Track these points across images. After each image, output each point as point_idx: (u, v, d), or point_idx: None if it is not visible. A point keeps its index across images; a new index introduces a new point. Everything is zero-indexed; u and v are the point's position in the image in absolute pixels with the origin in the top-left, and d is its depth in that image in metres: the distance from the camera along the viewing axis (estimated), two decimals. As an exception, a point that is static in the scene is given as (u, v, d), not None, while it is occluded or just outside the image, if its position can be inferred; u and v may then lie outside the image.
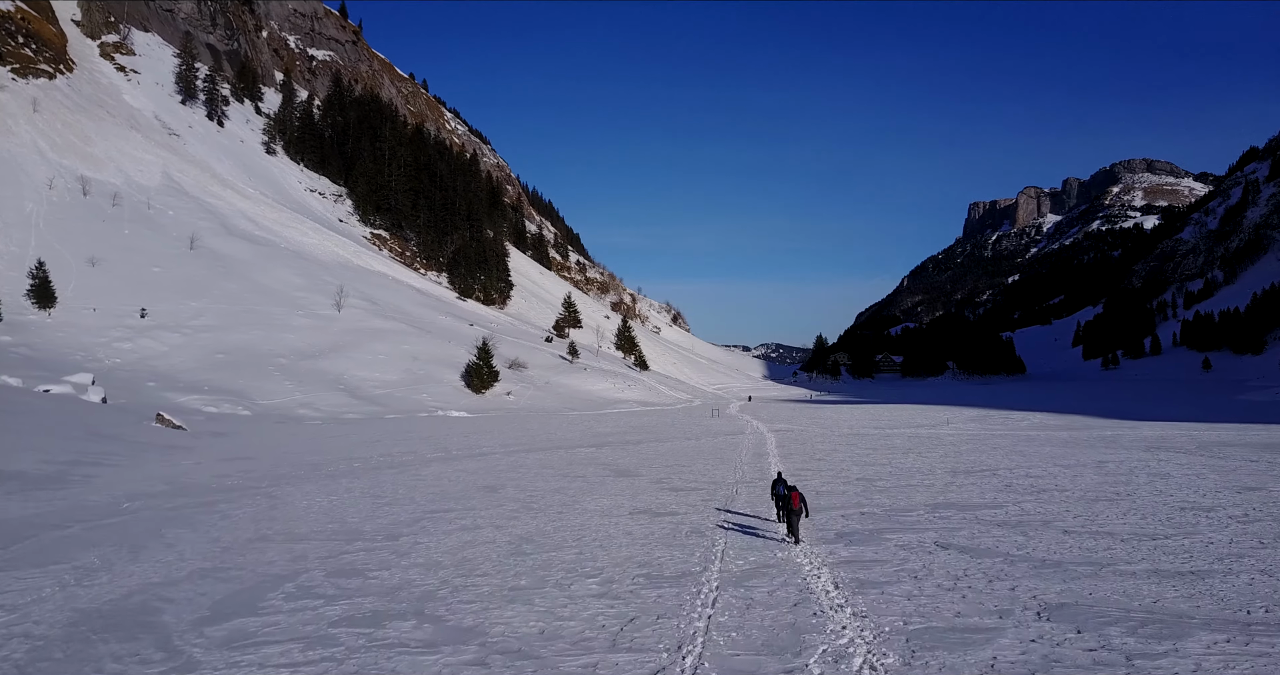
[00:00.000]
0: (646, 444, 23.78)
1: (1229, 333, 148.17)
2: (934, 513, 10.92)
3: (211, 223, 60.19)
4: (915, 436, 26.47)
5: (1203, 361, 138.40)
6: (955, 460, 17.86)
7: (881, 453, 20.13)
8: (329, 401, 38.52)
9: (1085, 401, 55.20)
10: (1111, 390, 79.03)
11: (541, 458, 19.64)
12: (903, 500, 11.96)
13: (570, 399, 46.08)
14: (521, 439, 25.58)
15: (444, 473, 16.52)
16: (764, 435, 27.32)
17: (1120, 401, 54.34)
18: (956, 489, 13.14)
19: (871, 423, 34.72)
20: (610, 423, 34.26)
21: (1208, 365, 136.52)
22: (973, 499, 11.95)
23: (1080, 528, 9.69)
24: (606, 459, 19.23)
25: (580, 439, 25.74)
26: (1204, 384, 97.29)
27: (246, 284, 51.65)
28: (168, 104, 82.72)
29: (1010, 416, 39.38)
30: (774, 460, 18.59)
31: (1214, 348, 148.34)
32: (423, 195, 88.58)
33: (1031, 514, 10.68)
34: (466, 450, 21.82)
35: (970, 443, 23.16)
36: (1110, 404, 51.38)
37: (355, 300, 53.20)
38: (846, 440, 24.86)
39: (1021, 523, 10.13)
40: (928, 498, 12.19)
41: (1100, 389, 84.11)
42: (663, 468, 17.20)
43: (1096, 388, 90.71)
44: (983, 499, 11.94)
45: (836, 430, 29.90)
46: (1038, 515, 10.63)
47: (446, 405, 40.04)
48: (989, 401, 57.40)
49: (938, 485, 13.66)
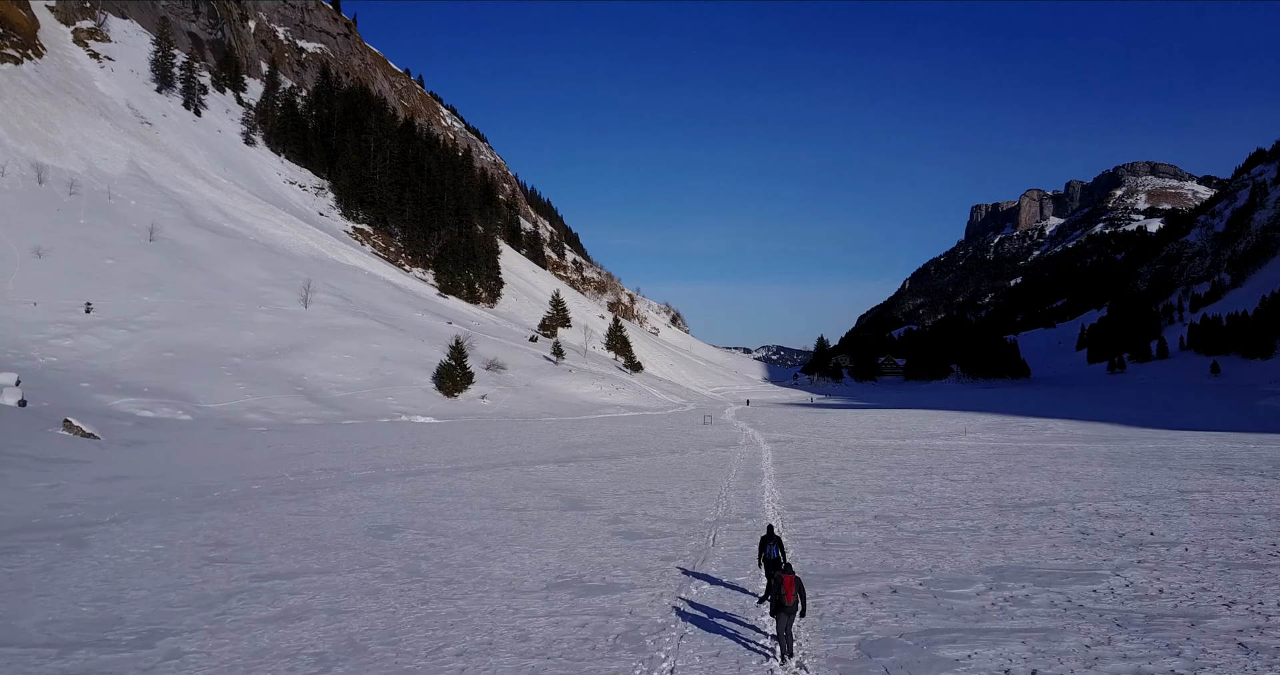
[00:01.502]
0: (621, 459, 20.26)
1: (1237, 337, 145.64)
2: (1000, 589, 7.35)
3: (176, 213, 56.72)
4: (933, 449, 22.98)
5: (1211, 366, 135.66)
6: (993, 486, 14.34)
7: (899, 473, 16.61)
8: (283, 405, 35.00)
9: (1102, 407, 51.93)
10: (1123, 395, 75.82)
11: (486, 479, 16.13)
12: (946, 561, 8.45)
13: (551, 403, 42.59)
14: (478, 452, 22.07)
15: (347, 502, 13.00)
16: (760, 447, 23.81)
17: (1139, 407, 51.09)
18: (1014, 537, 9.63)
19: (880, 431, 31.22)
20: (589, 431, 30.74)
21: (1216, 370, 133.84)
22: (1046, 559, 8.43)
23: (1259, 633, 6.09)
24: (565, 481, 15.71)
25: (546, 452, 22.22)
26: (1216, 389, 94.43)
27: (207, 277, 48.15)
28: (142, 92, 79.24)
29: (1029, 424, 36.01)
30: (769, 484, 15.08)
31: (1222, 352, 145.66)
32: (409, 188, 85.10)
33: (1150, 592, 7.11)
34: (404, 467, 18.31)
35: (1000, 458, 19.64)
36: (1130, 411, 48.06)
37: (325, 296, 49.71)
38: (855, 454, 21.35)
39: (1151, 617, 6.51)
40: (980, 556, 8.69)
41: (1111, 394, 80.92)
42: (629, 496, 13.68)
43: (1107, 392, 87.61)
44: (1060, 559, 8.43)
45: (842, 441, 26.40)
46: (1166, 599, 7.04)
47: (413, 410, 36.53)
48: (1000, 407, 54.06)
49: (985, 530, 10.15)
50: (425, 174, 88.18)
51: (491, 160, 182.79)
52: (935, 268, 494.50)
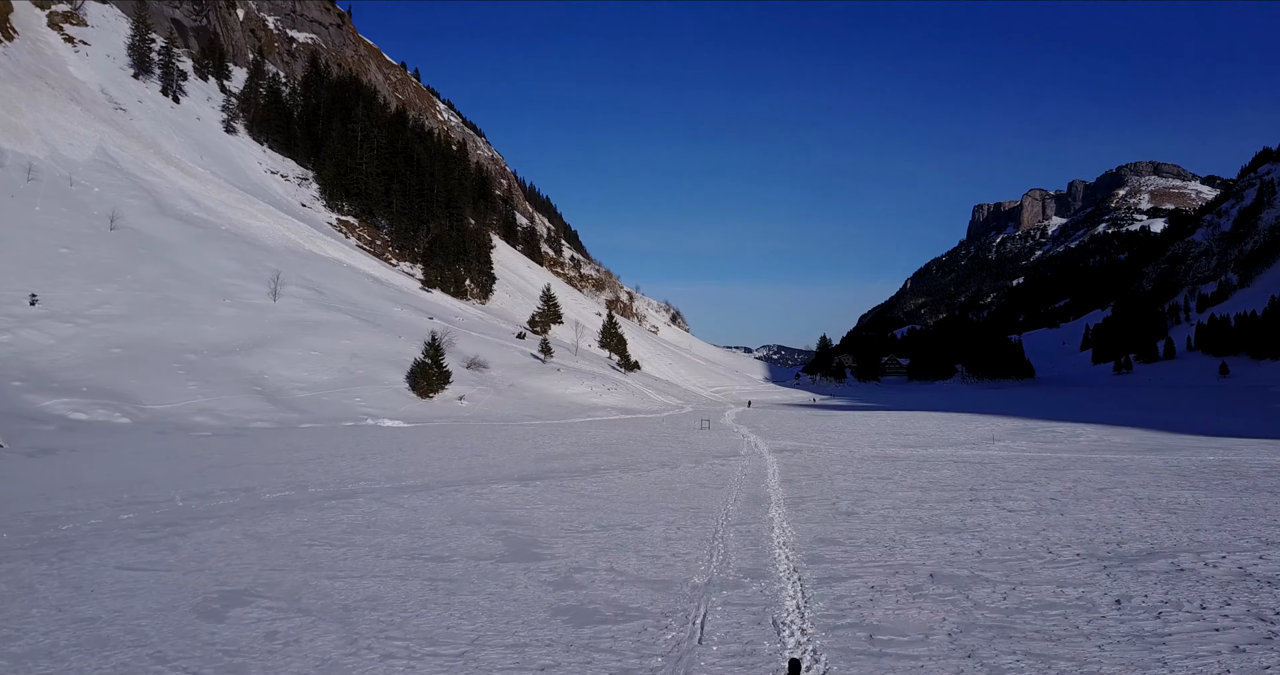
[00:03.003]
0: (600, 475, 17.02)
1: (1246, 337, 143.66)
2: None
3: (143, 201, 53.43)
4: (964, 462, 19.75)
5: (1220, 367, 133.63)
6: (1069, 521, 11.07)
7: (938, 497, 13.35)
8: (237, 406, 31.74)
9: (1124, 410, 48.82)
10: (1137, 397, 72.79)
11: (424, 505, 12.88)
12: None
13: (536, 404, 39.35)
14: (434, 464, 18.81)
15: (214, 547, 9.71)
16: (764, 459, 20.56)
17: (1163, 410, 47.98)
18: (1160, 625, 6.34)
19: (896, 438, 27.97)
20: (572, 437, 27.47)
21: (1225, 371, 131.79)
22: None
23: None
24: (520, 509, 12.45)
25: (514, 464, 18.97)
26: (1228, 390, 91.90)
27: (168, 268, 44.89)
28: (118, 77, 75.96)
29: (1056, 430, 32.85)
30: (778, 515, 11.80)
31: (1230, 353, 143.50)
32: (397, 180, 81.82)
33: None
34: (335, 485, 15.08)
35: (1051, 476, 16.37)
36: (1155, 414, 44.92)
37: (296, 289, 46.43)
38: (875, 468, 18.09)
39: None
40: (1129, 667, 5.43)
41: (1124, 395, 77.90)
42: (595, 535, 10.42)
43: (1118, 393, 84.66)
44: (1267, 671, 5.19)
45: (857, 450, 23.15)
46: None
47: (382, 412, 33.27)
48: (1014, 409, 50.89)
49: (1102, 606, 6.88)
50: (415, 165, 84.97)
51: (489, 156, 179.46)
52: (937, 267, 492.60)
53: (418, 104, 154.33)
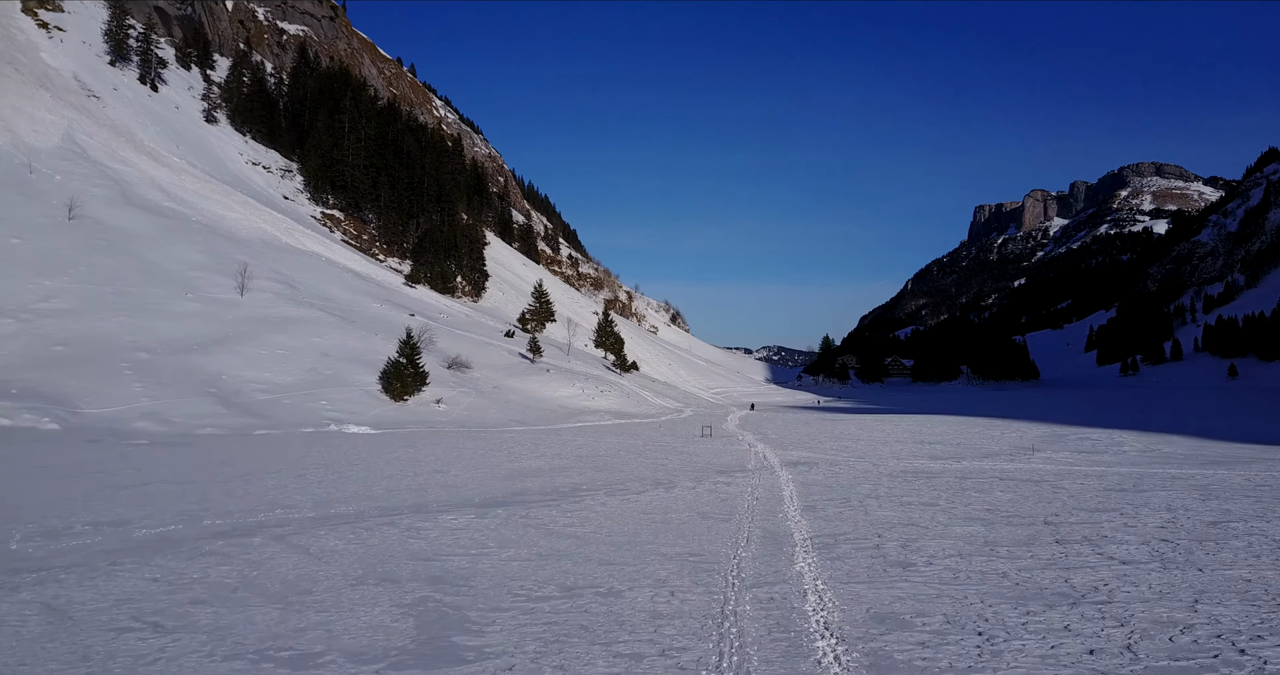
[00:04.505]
0: (577, 501, 13.87)
1: (1255, 338, 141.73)
2: None
3: (109, 190, 50.24)
4: (1011, 479, 16.64)
5: (1229, 368, 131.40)
6: (1220, 579, 7.92)
7: (1011, 537, 10.19)
8: (188, 410, 28.58)
9: (1151, 413, 45.98)
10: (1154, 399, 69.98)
11: (332, 549, 9.73)
12: None
13: (522, 408, 36.19)
14: (377, 484, 15.66)
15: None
16: (776, 476, 17.42)
17: (1194, 415, 45.12)
18: None
19: (921, 447, 24.84)
20: (555, 447, 24.30)
21: (1234, 372, 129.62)
22: None
23: None
24: (459, 560, 9.28)
25: (476, 485, 15.81)
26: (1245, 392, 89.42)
27: (129, 260, 41.72)
28: (93, 64, 72.78)
29: (1091, 437, 29.90)
30: (808, 570, 8.65)
31: (1239, 354, 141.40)
32: (385, 172, 78.62)
33: None
34: (240, 515, 11.93)
35: (1133, 501, 13.21)
36: (1187, 418, 42.01)
37: (268, 283, 43.26)
38: (915, 491, 14.93)
39: None
40: None
41: (1139, 397, 75.09)
42: (550, 612, 7.26)
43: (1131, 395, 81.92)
44: None
45: (882, 463, 20.02)
46: None
47: (348, 416, 30.09)
48: (1035, 413, 47.85)
49: None
50: (405, 157, 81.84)
51: (486, 153, 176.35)
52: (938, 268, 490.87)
53: (413, 99, 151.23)
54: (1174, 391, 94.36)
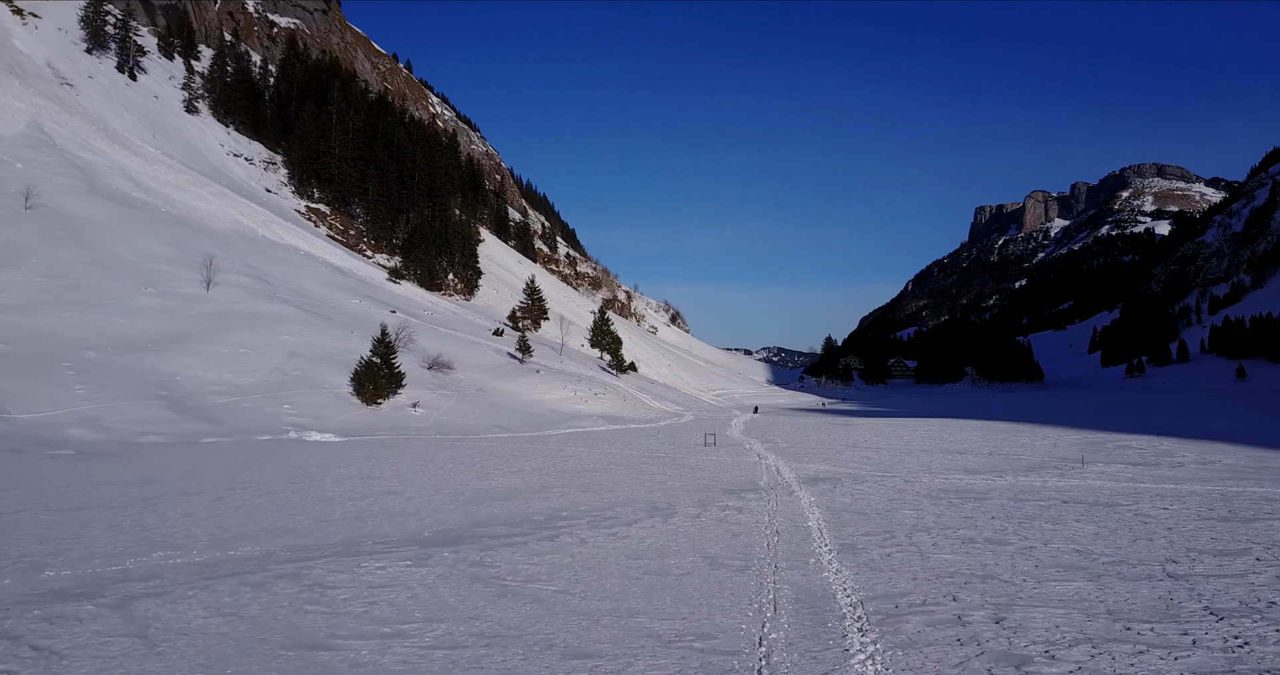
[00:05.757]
0: (550, 536, 10.96)
1: (1263, 339, 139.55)
2: None
3: (74, 179, 47.32)
4: (1074, 502, 13.71)
5: (1237, 370, 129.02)
6: None
7: (1138, 599, 7.29)
8: (130, 416, 25.66)
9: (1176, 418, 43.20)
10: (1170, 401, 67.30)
11: (177, 625, 6.81)
12: None
13: (507, 413, 33.28)
14: (304, 514, 12.73)
15: None
16: (796, 497, 14.52)
17: (1222, 418, 42.42)
18: None
19: (951, 458, 21.94)
20: (536, 459, 21.37)
21: (1242, 374, 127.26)
22: None
23: None
24: (350, 655, 6.33)
25: (427, 514, 12.89)
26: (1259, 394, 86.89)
27: (88, 252, 38.80)
28: (68, 52, 69.91)
29: (1131, 444, 27.11)
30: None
31: (1246, 355, 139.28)
32: (374, 165, 75.71)
33: None
34: (100, 562, 9.03)
35: (1248, 537, 10.29)
36: (1218, 422, 39.25)
37: (238, 277, 40.34)
38: (968, 518, 12.00)
39: None
40: None
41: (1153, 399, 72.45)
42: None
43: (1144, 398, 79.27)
44: None
45: (914, 479, 17.13)
46: None
47: (312, 422, 27.16)
48: (1055, 417, 45.05)
49: None
50: (395, 150, 78.93)
51: (483, 150, 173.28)
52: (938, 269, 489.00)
53: (408, 95, 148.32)
54: (1187, 394, 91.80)
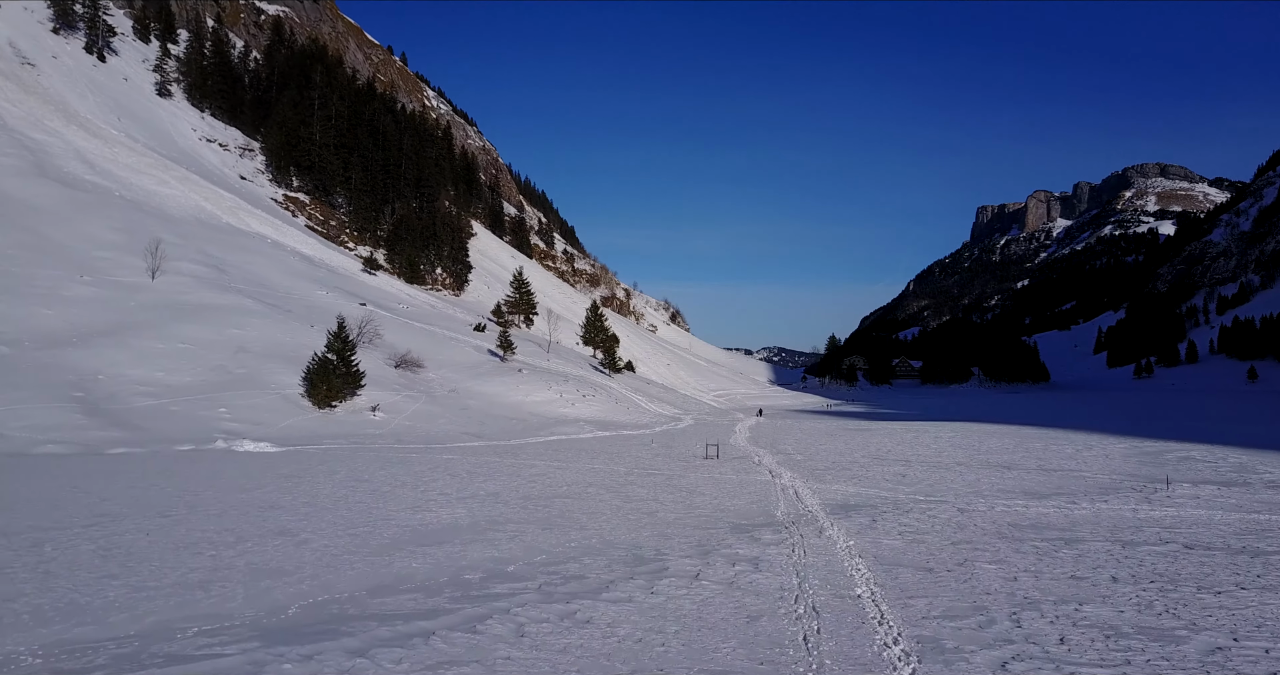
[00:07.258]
0: (468, 627, 7.17)
1: (1273, 340, 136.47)
2: None
3: (20, 161, 43.52)
4: (1199, 547, 9.92)
5: (1248, 371, 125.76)
6: None
7: None
8: (30, 421, 21.86)
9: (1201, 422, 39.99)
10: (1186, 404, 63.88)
11: None
12: None
13: (481, 417, 29.52)
14: (133, 574, 8.96)
15: None
16: (827, 537, 10.73)
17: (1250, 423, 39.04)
18: None
19: (998, 475, 18.19)
20: (499, 480, 17.57)
21: (1253, 375, 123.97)
22: None
23: None
24: None
25: (313, 573, 9.10)
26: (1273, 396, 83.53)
27: (24, 237, 34.99)
28: (34, 31, 66.04)
29: (1193, 454, 23.64)
30: None
31: (1257, 356, 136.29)
32: (357, 153, 71.84)
33: None
34: None
35: None
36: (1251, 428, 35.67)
37: (190, 266, 36.56)
38: (1090, 583, 8.20)
39: None
40: None
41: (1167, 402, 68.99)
42: None
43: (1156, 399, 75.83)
44: None
45: (970, 506, 13.36)
46: None
47: (251, 429, 23.38)
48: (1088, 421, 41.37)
49: None
50: (380, 138, 75.09)
51: (479, 145, 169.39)
52: (940, 270, 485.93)
53: (400, 85, 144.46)
54: (1202, 395, 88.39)
